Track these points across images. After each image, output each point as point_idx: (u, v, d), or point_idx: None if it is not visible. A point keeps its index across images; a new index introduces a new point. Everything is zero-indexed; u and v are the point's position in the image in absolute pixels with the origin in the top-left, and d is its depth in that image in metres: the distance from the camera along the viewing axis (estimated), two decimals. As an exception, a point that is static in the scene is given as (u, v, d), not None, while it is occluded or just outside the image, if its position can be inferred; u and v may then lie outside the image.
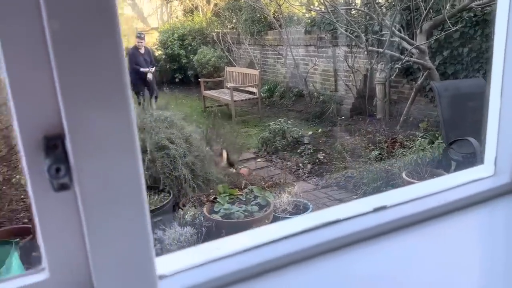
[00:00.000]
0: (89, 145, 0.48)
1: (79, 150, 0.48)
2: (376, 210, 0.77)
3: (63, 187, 0.50)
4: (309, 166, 5.30)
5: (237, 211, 3.12)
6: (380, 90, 6.92)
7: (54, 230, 0.52)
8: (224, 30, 10.67)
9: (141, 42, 8.05)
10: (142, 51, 8.02)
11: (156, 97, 8.00)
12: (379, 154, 4.82)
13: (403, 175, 3.95)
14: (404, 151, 4.59)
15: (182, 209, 3.32)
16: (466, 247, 0.78)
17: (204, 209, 3.20)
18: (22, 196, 4.08)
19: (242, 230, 2.55)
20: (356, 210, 0.76)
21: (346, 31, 6.67)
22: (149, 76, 7.89)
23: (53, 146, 0.49)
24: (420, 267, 0.72)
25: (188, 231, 2.95)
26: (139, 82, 7.81)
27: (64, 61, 0.46)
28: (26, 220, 3.69)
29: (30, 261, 2.86)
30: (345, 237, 0.73)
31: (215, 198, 3.32)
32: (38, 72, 0.47)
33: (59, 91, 0.46)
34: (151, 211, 3.34)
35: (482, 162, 0.92)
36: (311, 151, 5.69)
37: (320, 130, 6.82)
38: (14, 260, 2.63)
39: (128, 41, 12.08)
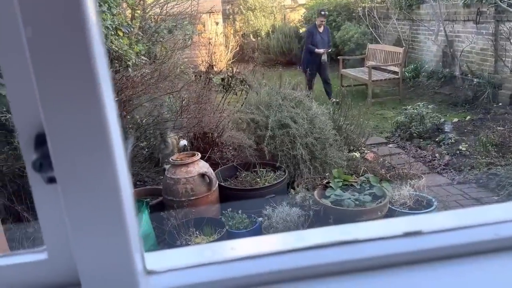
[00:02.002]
0: (65, 144, 0.52)
1: (57, 149, 0.52)
2: (408, 235, 0.66)
3: (51, 180, 0.55)
4: (446, 157, 4.78)
5: (348, 198, 3.01)
6: (552, 74, 5.79)
7: (51, 218, 0.58)
8: (372, 5, 10.13)
9: (323, 21, 7.47)
10: (321, 29, 7.44)
11: (327, 82, 7.40)
12: (535, 151, 4.07)
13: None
14: None
15: (294, 189, 3.35)
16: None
17: (315, 192, 3.17)
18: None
19: (350, 219, 2.48)
20: (380, 232, 0.67)
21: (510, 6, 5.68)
22: (324, 57, 7.33)
23: (43, 142, 0.54)
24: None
25: (295, 212, 2.97)
26: (311, 63, 7.31)
27: (39, 67, 0.49)
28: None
29: (158, 219, 3.26)
30: (363, 260, 0.65)
31: (328, 183, 3.25)
32: (27, 76, 0.52)
33: (37, 92, 0.50)
34: (265, 188, 3.47)
35: None
36: (452, 140, 5.11)
37: (468, 117, 6.06)
38: (144, 217, 3.03)
39: (275, 18, 12.43)
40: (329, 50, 7.61)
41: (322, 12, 7.59)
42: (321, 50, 7.30)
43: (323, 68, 7.40)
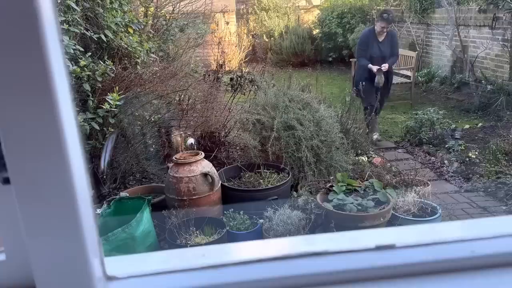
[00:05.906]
0: (19, 143, 0.51)
1: (10, 148, 0.51)
2: (380, 248, 0.63)
3: (7, 181, 0.54)
4: (455, 164, 4.70)
5: (350, 203, 2.97)
6: None
7: (9, 218, 0.57)
8: (386, 7, 10.02)
9: (384, 27, 5.25)
10: (382, 38, 5.33)
11: (377, 110, 5.36)
12: (547, 161, 3.97)
13: None
14: None
15: (296, 192, 3.32)
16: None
17: (318, 196, 3.14)
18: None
19: (352, 224, 2.44)
20: (351, 245, 0.64)
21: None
22: (378, 79, 5.18)
23: (-2, 142, 0.53)
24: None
25: (296, 215, 2.94)
26: (364, 81, 5.17)
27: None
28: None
29: (160, 217, 3.26)
30: (332, 274, 0.63)
31: (331, 186, 3.22)
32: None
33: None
34: (268, 189, 3.44)
35: None
36: (462, 147, 5.02)
37: (480, 124, 5.96)
38: (145, 214, 3.02)
39: (289, 19, 12.38)
40: (388, 67, 5.30)
41: (384, 15, 5.24)
42: (375, 68, 5.20)
43: (380, 92, 5.29)
